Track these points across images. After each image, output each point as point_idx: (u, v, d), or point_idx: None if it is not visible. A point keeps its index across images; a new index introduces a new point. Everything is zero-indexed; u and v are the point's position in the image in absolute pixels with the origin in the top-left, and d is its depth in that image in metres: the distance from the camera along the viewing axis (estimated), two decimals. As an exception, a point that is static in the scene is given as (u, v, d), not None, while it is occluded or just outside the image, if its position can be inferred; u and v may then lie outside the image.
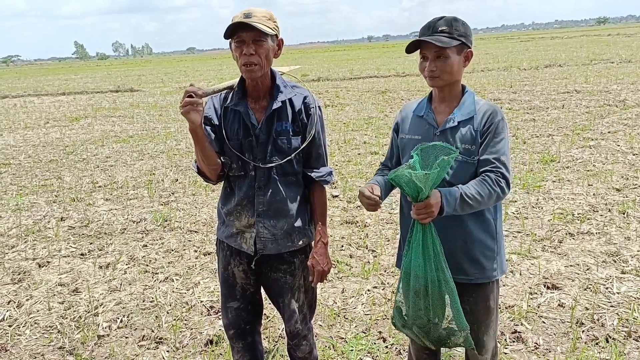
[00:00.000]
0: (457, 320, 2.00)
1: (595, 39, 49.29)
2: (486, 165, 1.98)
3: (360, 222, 5.31)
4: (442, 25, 1.97)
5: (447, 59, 1.98)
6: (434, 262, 1.95)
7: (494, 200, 1.97)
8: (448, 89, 2.08)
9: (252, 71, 2.08)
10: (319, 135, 2.26)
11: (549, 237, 4.67)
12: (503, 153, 1.99)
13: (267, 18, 2.08)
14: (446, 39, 1.96)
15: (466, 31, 2.01)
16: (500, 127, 2.01)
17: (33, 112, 16.89)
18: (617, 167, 6.70)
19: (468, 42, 2.02)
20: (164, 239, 5.16)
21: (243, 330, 2.42)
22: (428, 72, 2.02)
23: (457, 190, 1.92)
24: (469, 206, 1.93)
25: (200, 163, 2.18)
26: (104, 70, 53.61)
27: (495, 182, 1.94)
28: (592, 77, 16.64)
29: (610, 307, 3.48)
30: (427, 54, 2.02)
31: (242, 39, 2.05)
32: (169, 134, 11.36)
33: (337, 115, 12.48)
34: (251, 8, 2.08)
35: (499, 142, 1.99)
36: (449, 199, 1.89)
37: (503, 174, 1.96)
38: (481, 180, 1.95)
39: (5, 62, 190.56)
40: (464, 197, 1.91)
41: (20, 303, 3.92)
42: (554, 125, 9.67)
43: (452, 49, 1.97)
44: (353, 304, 3.72)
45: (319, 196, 2.33)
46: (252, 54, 2.05)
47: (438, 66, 1.99)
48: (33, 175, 8.05)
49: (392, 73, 24.00)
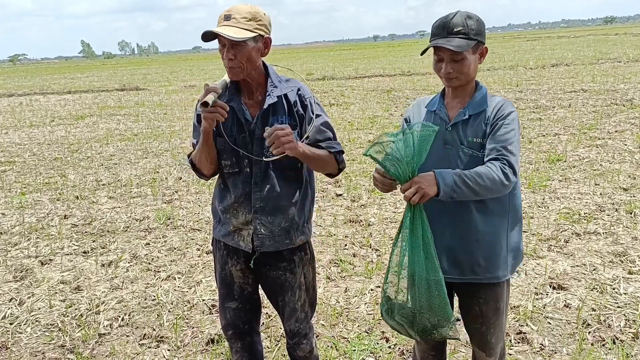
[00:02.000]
0: (443, 311, 1.95)
1: (602, 38, 48.99)
2: (492, 154, 1.91)
3: (364, 221, 5.28)
4: (457, 26, 1.92)
5: (464, 60, 1.94)
6: (423, 251, 1.91)
7: (497, 187, 1.87)
8: (462, 86, 2.04)
9: (235, 73, 2.07)
10: (320, 121, 2.19)
11: (555, 236, 4.62)
12: (511, 142, 1.91)
13: (248, 19, 2.02)
14: (463, 41, 1.90)
15: (480, 28, 1.96)
16: (510, 118, 1.95)
17: (39, 110, 16.93)
18: (624, 167, 6.63)
19: (483, 39, 1.98)
20: (166, 237, 5.14)
21: (242, 330, 2.40)
22: (445, 74, 1.97)
23: (453, 170, 1.87)
24: (469, 189, 1.84)
25: (201, 160, 2.16)
26: (110, 69, 53.76)
27: (500, 168, 1.86)
28: (599, 76, 16.52)
29: (617, 308, 3.43)
30: (442, 56, 1.96)
31: (223, 43, 2.03)
32: (173, 132, 11.36)
33: (342, 114, 12.44)
34: (235, 7, 2.04)
35: (508, 131, 1.93)
36: (445, 177, 1.83)
37: (509, 162, 1.88)
38: (484, 166, 1.89)
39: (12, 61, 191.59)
40: (463, 177, 1.83)
41: (21, 301, 3.91)
42: (561, 124, 9.59)
43: (467, 50, 1.93)
44: (356, 303, 3.68)
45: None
46: (232, 59, 2.02)
47: (455, 68, 1.95)
48: (37, 173, 8.06)
49: (398, 72, 23.93)
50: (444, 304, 1.94)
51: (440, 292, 1.94)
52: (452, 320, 1.97)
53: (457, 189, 1.83)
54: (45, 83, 32.03)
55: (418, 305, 1.97)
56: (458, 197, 1.86)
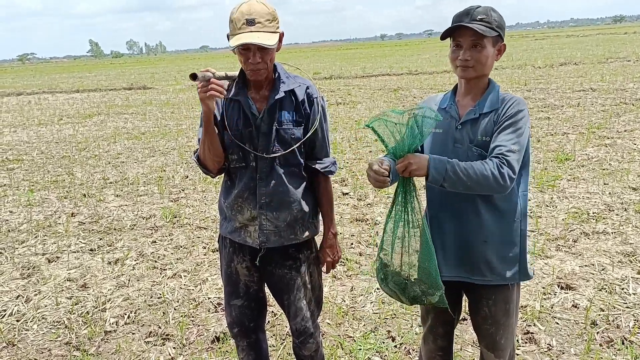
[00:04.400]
0: (434, 280, 1.97)
1: (611, 37, 48.64)
2: (494, 151, 1.87)
3: (370, 220, 5.26)
4: (481, 14, 1.90)
5: (483, 49, 1.91)
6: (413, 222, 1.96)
7: (489, 183, 1.81)
8: (475, 81, 2.00)
9: (260, 74, 2.07)
10: (322, 126, 2.22)
11: (563, 236, 4.58)
12: (515, 143, 1.86)
13: (271, 20, 2.02)
14: (486, 27, 1.89)
15: (502, 23, 1.95)
16: (519, 117, 1.91)
17: (47, 109, 17.02)
18: (634, 166, 6.57)
19: (503, 35, 1.96)
20: (173, 235, 5.14)
21: (247, 328, 2.39)
22: (461, 62, 1.94)
23: (448, 159, 1.85)
24: (459, 180, 1.81)
25: (205, 153, 2.15)
26: (118, 68, 53.99)
27: (497, 166, 1.81)
28: (608, 75, 16.39)
29: (626, 308, 3.40)
30: (462, 42, 1.93)
31: (248, 48, 2.00)
32: (180, 130, 11.38)
33: (349, 113, 12.42)
34: (252, 8, 1.99)
35: (514, 130, 1.88)
36: (437, 164, 1.82)
37: (509, 162, 1.82)
38: (481, 161, 1.85)
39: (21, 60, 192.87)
40: (456, 167, 1.81)
41: (28, 298, 3.92)
42: (569, 123, 9.52)
43: (488, 39, 1.91)
44: (362, 302, 3.67)
45: (325, 187, 2.30)
46: (259, 62, 2.01)
47: (473, 56, 1.92)
48: (45, 171, 8.10)
49: (405, 71, 23.87)
50: (435, 273, 1.97)
51: (431, 261, 1.96)
52: (441, 290, 1.99)
53: (447, 177, 1.82)
54: (54, 82, 32.22)
55: (410, 273, 2.00)
56: (449, 185, 1.84)
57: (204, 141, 2.12)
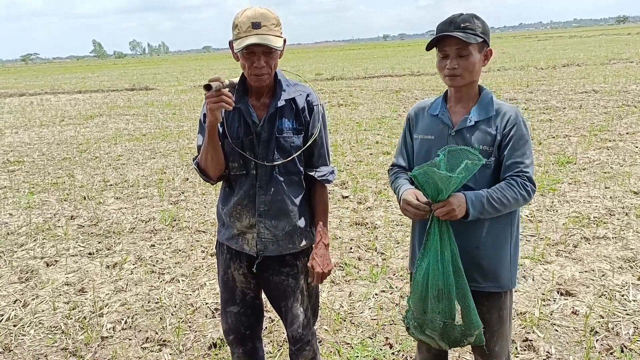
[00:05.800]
0: (472, 320, 1.97)
1: (614, 38, 48.53)
2: (511, 170, 1.94)
3: (370, 224, 5.24)
4: (464, 22, 1.90)
5: (470, 56, 1.91)
6: (452, 265, 1.93)
7: (520, 204, 1.94)
8: (466, 89, 2.01)
9: (263, 80, 2.06)
10: (322, 134, 2.21)
11: (563, 241, 4.55)
12: (528, 157, 1.96)
13: (276, 24, 2.02)
14: (471, 35, 1.89)
15: (486, 29, 1.95)
16: (524, 131, 1.97)
17: (49, 110, 17.05)
18: (636, 170, 6.54)
19: (488, 40, 1.96)
20: (172, 239, 5.13)
21: (243, 335, 2.37)
22: (449, 71, 1.94)
23: (482, 193, 1.89)
24: (494, 209, 1.90)
25: (207, 161, 2.13)
26: (120, 68, 54.10)
27: (522, 185, 1.92)
28: (610, 77, 16.34)
29: (626, 315, 3.37)
30: (448, 52, 1.93)
31: (253, 51, 1.99)
32: (181, 132, 11.38)
33: (350, 115, 12.40)
34: (259, 13, 1.99)
35: (523, 145, 1.96)
36: (475, 202, 1.87)
37: (529, 178, 1.94)
38: (507, 184, 1.92)
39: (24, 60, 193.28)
40: (490, 200, 1.88)
41: (25, 302, 3.91)
42: (571, 125, 9.49)
43: (474, 46, 1.91)
44: (360, 308, 3.65)
45: (321, 195, 2.28)
46: (264, 66, 2.00)
47: (460, 64, 1.92)
48: (45, 173, 8.10)
49: (407, 72, 23.85)
50: (473, 314, 1.96)
51: (469, 302, 1.95)
52: (480, 328, 1.98)
53: (484, 211, 1.89)
54: (56, 82, 32.29)
55: (447, 318, 1.98)
56: (484, 217, 1.92)
57: (206, 150, 2.10)
